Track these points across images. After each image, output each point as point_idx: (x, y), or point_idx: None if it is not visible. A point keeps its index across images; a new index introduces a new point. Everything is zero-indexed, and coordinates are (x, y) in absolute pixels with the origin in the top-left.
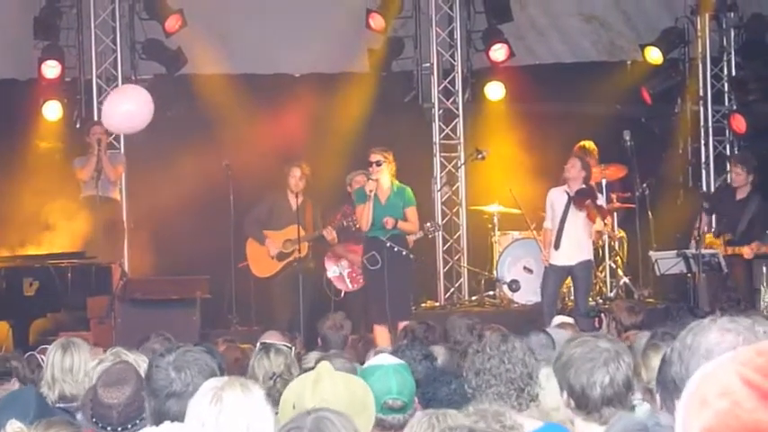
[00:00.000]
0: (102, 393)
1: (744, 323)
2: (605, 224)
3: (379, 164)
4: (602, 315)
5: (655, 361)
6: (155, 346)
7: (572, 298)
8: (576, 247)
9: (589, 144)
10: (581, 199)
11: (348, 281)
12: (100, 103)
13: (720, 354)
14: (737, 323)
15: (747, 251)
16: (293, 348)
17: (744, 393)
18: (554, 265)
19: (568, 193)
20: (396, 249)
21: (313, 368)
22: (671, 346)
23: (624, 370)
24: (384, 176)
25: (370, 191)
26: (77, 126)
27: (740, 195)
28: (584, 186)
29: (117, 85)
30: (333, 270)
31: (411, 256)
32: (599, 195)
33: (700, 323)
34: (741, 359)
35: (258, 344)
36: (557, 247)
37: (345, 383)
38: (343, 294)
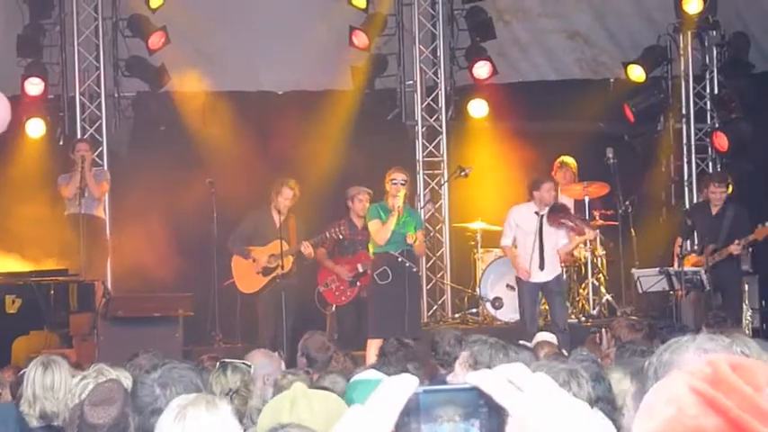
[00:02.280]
0: (89, 412)
1: (722, 343)
2: (597, 231)
3: (404, 183)
4: (603, 331)
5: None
6: (142, 362)
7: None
8: (551, 263)
9: (569, 159)
10: (557, 215)
11: (336, 295)
12: (83, 120)
13: None
14: (716, 342)
15: (734, 247)
16: (251, 367)
17: (690, 400)
18: (531, 282)
19: (538, 213)
20: (407, 265)
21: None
22: (648, 360)
23: (586, 388)
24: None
25: (398, 207)
26: (60, 143)
27: (715, 210)
28: (555, 203)
29: (100, 102)
30: (324, 284)
31: (420, 273)
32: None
33: (678, 340)
34: (691, 370)
35: (218, 362)
36: (542, 267)
37: (322, 403)
38: (334, 308)
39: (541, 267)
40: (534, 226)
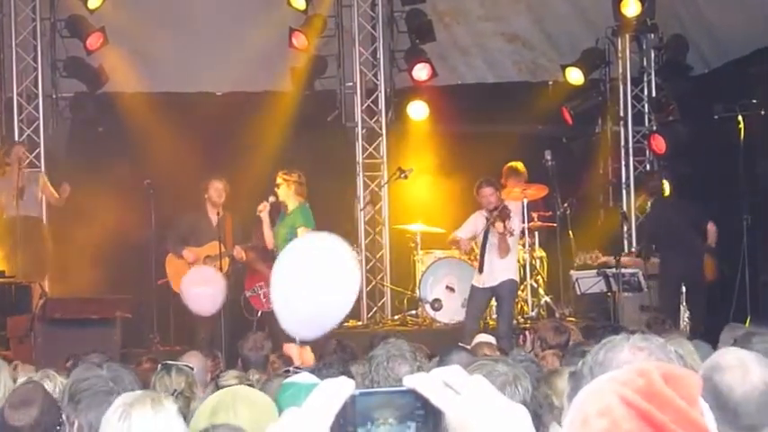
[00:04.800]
0: (9, 415)
1: (656, 342)
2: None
3: (278, 186)
4: (526, 333)
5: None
6: (93, 360)
7: (494, 317)
8: (498, 268)
9: (518, 164)
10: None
11: (264, 300)
12: (21, 121)
13: None
14: (650, 342)
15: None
16: (193, 369)
17: (622, 413)
18: (477, 286)
19: (486, 217)
20: None
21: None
22: (583, 360)
23: (521, 394)
24: (283, 196)
25: (260, 211)
26: None
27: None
28: (498, 206)
29: (37, 103)
30: (251, 290)
31: None
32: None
33: (613, 339)
34: (622, 379)
35: (160, 364)
36: (480, 270)
37: (248, 408)
38: (260, 314)
39: (480, 270)
40: (484, 230)
